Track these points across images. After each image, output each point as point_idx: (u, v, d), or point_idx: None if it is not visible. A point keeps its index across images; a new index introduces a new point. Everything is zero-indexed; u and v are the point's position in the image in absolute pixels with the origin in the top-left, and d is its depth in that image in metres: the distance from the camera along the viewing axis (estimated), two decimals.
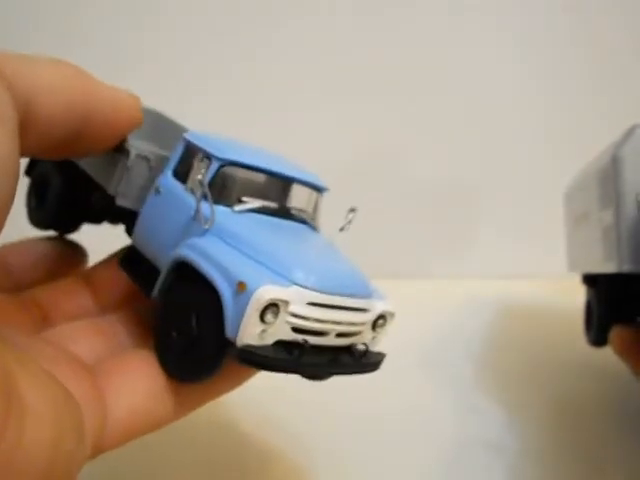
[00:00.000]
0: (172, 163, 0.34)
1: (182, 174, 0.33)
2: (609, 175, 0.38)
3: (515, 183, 0.78)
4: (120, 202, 0.34)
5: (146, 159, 0.34)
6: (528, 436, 0.46)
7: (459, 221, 0.80)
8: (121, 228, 0.39)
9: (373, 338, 0.32)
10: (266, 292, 0.27)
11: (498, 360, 0.57)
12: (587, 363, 0.54)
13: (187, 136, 0.34)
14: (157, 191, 0.33)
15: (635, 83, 0.76)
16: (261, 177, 0.34)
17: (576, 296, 0.55)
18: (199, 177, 0.32)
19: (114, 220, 0.41)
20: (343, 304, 0.30)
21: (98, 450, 0.27)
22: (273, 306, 0.27)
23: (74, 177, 0.39)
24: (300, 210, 0.35)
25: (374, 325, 0.32)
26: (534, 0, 0.76)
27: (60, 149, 0.30)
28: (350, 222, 0.36)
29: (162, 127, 0.41)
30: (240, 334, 0.27)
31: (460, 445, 0.44)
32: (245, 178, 0.33)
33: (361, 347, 0.31)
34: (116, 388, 0.29)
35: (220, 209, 0.31)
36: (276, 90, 0.75)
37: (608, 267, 0.40)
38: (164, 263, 0.31)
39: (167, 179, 0.33)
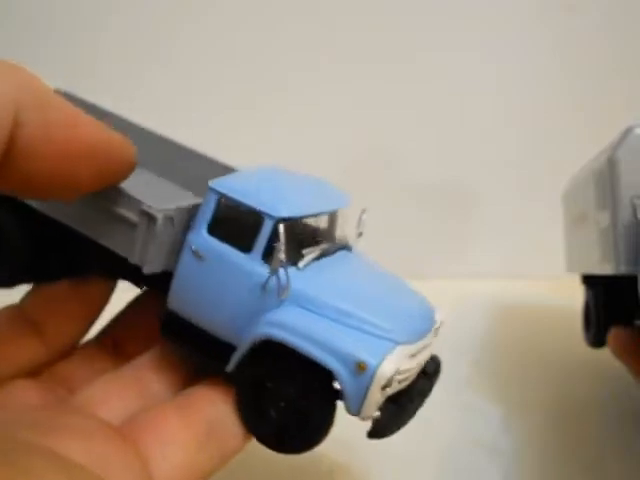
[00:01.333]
0: (204, 219, 0.30)
1: (222, 232, 0.30)
2: (605, 177, 0.38)
3: (514, 183, 0.78)
4: (148, 270, 0.30)
5: (171, 219, 0.30)
6: (524, 437, 0.46)
7: (457, 221, 0.80)
8: None
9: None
10: (388, 368, 0.27)
11: (496, 360, 0.57)
12: (585, 364, 0.54)
13: (218, 188, 0.30)
14: (197, 255, 0.30)
15: (634, 83, 0.75)
16: (316, 220, 0.33)
17: (575, 296, 0.55)
18: (280, 252, 0.28)
19: (122, 277, 0.36)
20: (429, 342, 0.31)
21: None
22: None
23: (35, 221, 0.33)
24: (338, 236, 0.34)
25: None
26: (534, 1, 0.76)
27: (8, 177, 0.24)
28: (364, 224, 0.36)
29: (146, 142, 0.38)
30: (364, 411, 0.27)
31: (455, 446, 0.44)
32: (298, 228, 0.31)
33: (430, 366, 0.33)
34: (156, 446, 0.28)
35: (290, 270, 0.29)
36: (275, 93, 0.75)
37: (605, 268, 0.40)
38: (229, 335, 0.30)
39: (205, 240, 0.30)
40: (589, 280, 0.53)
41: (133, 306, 0.39)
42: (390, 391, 0.28)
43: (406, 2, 0.75)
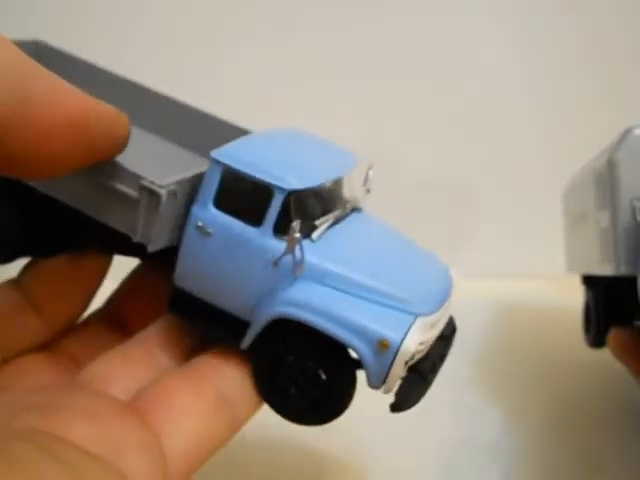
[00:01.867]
0: (209, 193, 0.29)
1: (228, 205, 0.29)
2: (605, 178, 0.38)
3: (515, 182, 0.78)
4: (153, 248, 0.29)
5: (174, 194, 0.28)
6: (525, 437, 0.46)
7: (458, 220, 0.80)
8: None
9: None
10: (412, 344, 0.26)
11: (496, 360, 0.57)
12: (586, 364, 0.54)
13: (222, 159, 0.29)
14: (204, 231, 0.29)
15: (635, 83, 0.75)
16: (327, 188, 0.31)
17: (575, 296, 0.55)
18: (296, 230, 0.26)
19: (122, 253, 0.35)
20: (444, 312, 0.30)
21: None
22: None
23: (30, 196, 0.32)
24: (347, 199, 0.33)
25: None
26: (534, 0, 0.76)
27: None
28: (371, 181, 0.34)
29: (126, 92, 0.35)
30: (387, 386, 0.27)
31: (456, 446, 0.44)
32: (309, 197, 0.30)
33: (446, 328, 0.32)
34: (168, 419, 0.27)
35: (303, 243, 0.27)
36: (273, 91, 0.75)
37: (605, 269, 0.40)
38: (241, 311, 0.29)
39: (211, 215, 0.29)
40: (589, 280, 0.53)
41: (134, 277, 0.38)
42: (411, 363, 0.28)
43: (404, 2, 0.75)
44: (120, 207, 0.29)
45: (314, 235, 0.29)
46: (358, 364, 0.28)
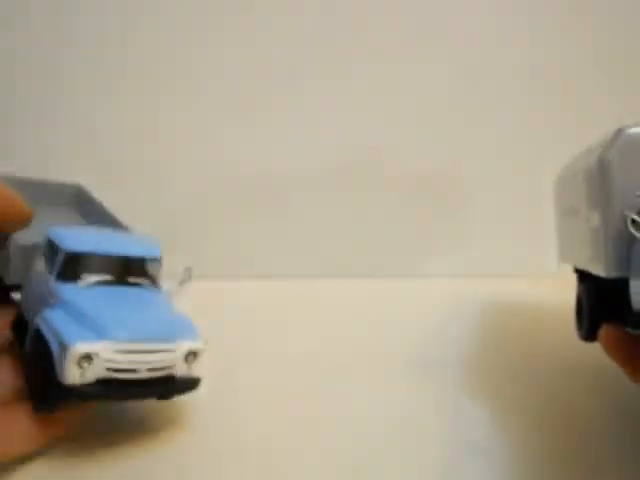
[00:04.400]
0: (41, 251, 0.45)
1: (47, 259, 0.44)
2: (595, 177, 0.37)
3: (513, 182, 0.78)
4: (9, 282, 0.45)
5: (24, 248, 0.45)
6: (521, 438, 0.46)
7: (454, 218, 0.80)
8: None
9: (189, 368, 0.42)
10: (77, 348, 0.37)
11: (493, 360, 0.57)
12: (584, 363, 0.54)
13: (48, 233, 0.45)
14: (35, 272, 0.45)
15: (634, 82, 0.75)
16: (100, 257, 0.44)
17: (572, 295, 0.54)
18: (36, 266, 0.44)
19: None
20: (148, 348, 0.40)
21: None
22: (87, 357, 0.37)
23: None
24: (136, 277, 0.45)
25: (187, 359, 0.42)
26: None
27: None
28: (187, 281, 0.49)
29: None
30: (64, 376, 0.37)
31: (454, 447, 0.44)
32: (87, 260, 0.44)
33: (172, 375, 0.41)
34: None
35: (68, 286, 0.42)
36: (262, 89, 0.74)
37: (596, 269, 0.39)
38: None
39: (39, 264, 0.45)
40: (581, 273, 0.52)
41: None
42: (96, 372, 0.38)
43: None
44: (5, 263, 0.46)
45: (80, 282, 0.42)
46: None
